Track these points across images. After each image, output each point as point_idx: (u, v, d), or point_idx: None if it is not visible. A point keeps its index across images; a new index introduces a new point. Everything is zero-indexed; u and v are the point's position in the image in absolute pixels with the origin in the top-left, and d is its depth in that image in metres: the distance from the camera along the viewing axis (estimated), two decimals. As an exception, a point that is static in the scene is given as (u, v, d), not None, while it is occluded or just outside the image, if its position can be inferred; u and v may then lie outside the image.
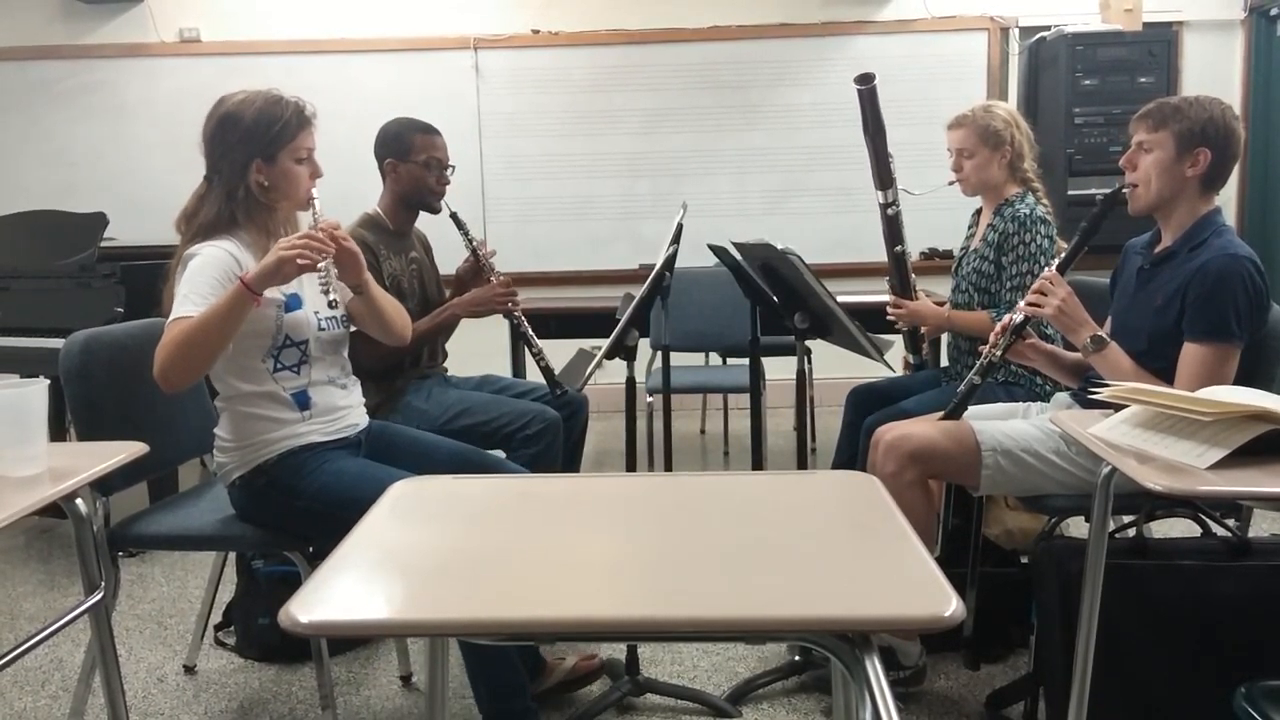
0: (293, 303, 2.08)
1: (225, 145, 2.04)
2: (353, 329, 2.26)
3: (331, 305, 2.00)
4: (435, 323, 2.79)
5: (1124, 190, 2.17)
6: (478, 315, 2.85)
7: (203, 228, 2.03)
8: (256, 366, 2.05)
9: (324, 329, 2.13)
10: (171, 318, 1.91)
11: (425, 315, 2.77)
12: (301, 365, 2.09)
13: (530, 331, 2.84)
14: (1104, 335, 2.11)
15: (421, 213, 2.86)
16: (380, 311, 2.21)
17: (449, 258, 3.03)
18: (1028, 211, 2.64)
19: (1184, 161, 2.09)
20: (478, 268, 2.91)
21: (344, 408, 2.18)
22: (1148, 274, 2.19)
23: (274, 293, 2.01)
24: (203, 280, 1.93)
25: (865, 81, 2.60)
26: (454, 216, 2.85)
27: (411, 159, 2.77)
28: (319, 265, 1.92)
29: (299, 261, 1.88)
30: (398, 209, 2.82)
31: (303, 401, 2.09)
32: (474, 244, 2.91)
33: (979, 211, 2.89)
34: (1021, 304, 2.21)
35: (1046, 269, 2.21)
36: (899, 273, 2.84)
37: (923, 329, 2.91)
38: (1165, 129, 2.10)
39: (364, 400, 2.30)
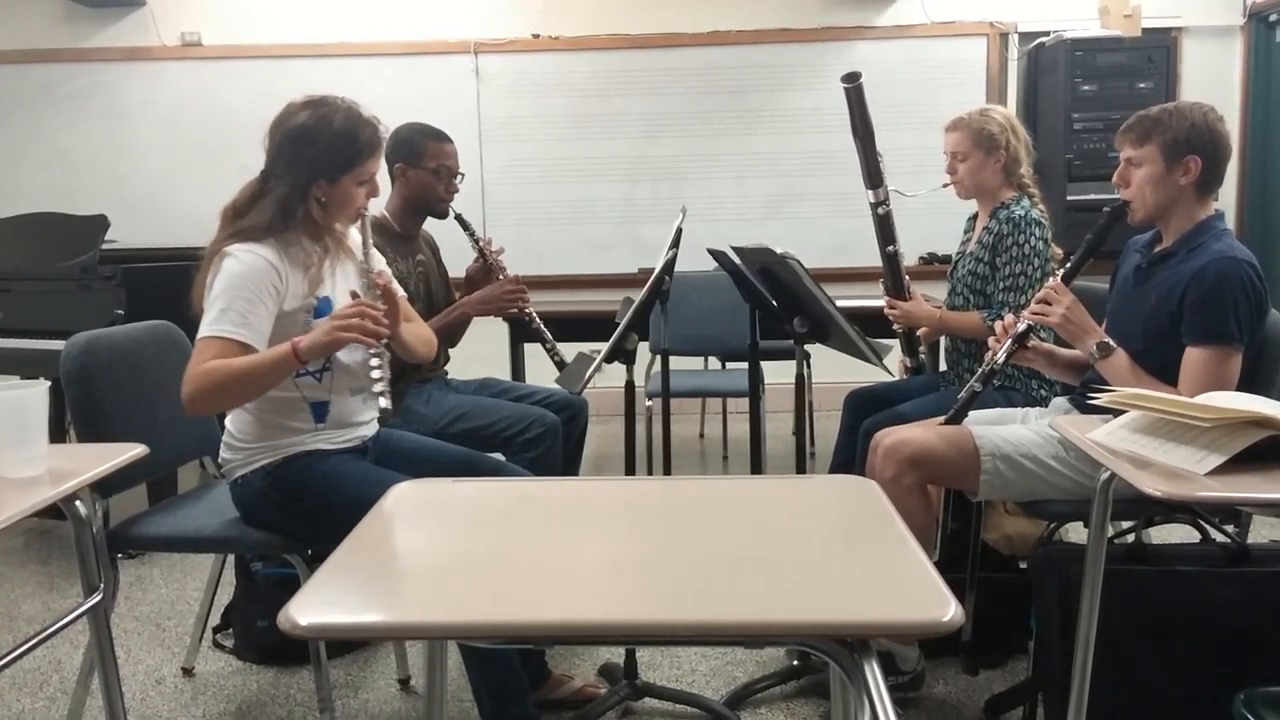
0: (323, 307, 2.04)
1: (292, 158, 1.99)
2: None
3: (380, 393, 1.93)
4: (445, 322, 2.80)
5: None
6: (488, 313, 2.85)
7: (249, 230, 1.98)
8: None
9: None
10: (208, 333, 1.89)
11: (432, 317, 2.77)
12: (324, 373, 2.06)
13: (543, 326, 2.85)
14: (1110, 342, 2.12)
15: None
16: (407, 348, 2.16)
17: (456, 258, 3.04)
18: (1022, 213, 2.64)
19: (1175, 172, 2.09)
20: (487, 267, 2.92)
21: (361, 421, 2.17)
22: (1144, 273, 2.19)
23: (302, 298, 2.00)
24: (241, 295, 1.91)
25: (852, 80, 2.60)
26: (459, 218, 2.86)
27: (422, 165, 2.77)
28: (372, 348, 1.92)
29: (354, 340, 1.88)
30: (405, 213, 2.83)
31: (320, 413, 2.08)
32: (480, 244, 2.91)
33: (975, 215, 2.89)
34: (1026, 312, 2.21)
35: (1051, 278, 2.21)
36: (892, 273, 2.84)
37: (918, 332, 2.91)
38: (1150, 142, 2.09)
39: None
